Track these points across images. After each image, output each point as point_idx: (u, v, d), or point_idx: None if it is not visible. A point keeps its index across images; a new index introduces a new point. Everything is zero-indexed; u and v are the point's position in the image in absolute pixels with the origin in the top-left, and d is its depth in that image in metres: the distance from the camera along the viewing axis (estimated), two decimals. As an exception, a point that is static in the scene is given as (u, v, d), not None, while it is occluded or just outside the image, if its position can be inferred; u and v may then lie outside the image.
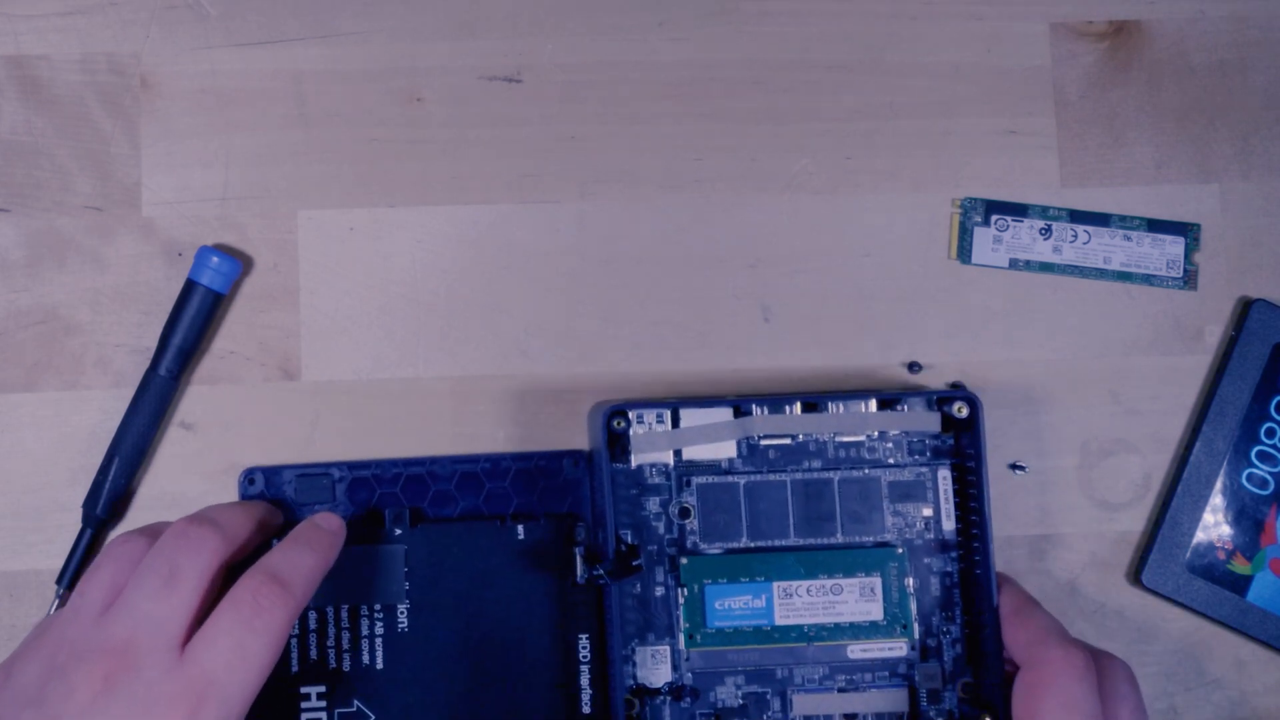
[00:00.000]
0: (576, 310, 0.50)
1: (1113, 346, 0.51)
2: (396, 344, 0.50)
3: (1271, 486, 0.50)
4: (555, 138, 0.51)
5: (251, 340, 0.50)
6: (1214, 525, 0.50)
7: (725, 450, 0.47)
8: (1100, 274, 0.51)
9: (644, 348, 0.50)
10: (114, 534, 0.49)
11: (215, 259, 0.48)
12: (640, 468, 0.46)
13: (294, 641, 0.46)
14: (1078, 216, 0.51)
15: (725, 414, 0.46)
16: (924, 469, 0.47)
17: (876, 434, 0.47)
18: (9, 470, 0.49)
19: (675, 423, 0.46)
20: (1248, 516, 0.50)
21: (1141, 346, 0.51)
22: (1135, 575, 0.50)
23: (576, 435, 0.50)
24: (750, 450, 0.47)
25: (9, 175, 0.50)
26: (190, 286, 0.48)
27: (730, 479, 0.47)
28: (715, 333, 0.50)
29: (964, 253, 0.51)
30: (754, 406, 0.46)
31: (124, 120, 0.50)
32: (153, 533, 0.43)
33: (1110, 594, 0.50)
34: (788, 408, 0.46)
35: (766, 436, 0.47)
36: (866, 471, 0.47)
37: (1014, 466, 0.50)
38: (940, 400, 0.47)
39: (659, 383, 0.50)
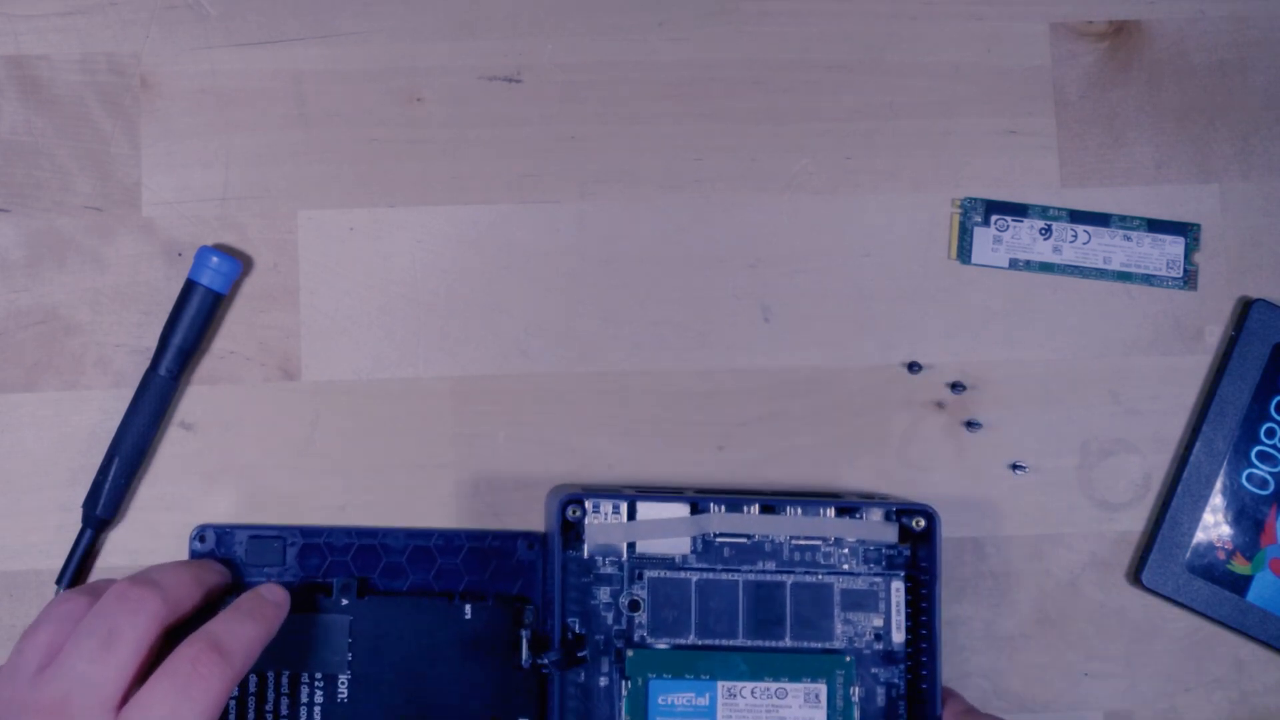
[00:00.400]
0: (576, 310, 0.50)
1: (1113, 346, 0.51)
2: (396, 344, 0.50)
3: (1271, 486, 0.50)
4: (555, 138, 0.51)
5: (251, 340, 0.50)
6: (1214, 525, 0.50)
7: (679, 545, 0.46)
8: (1100, 274, 0.51)
9: (644, 348, 0.50)
10: (113, 533, 0.49)
11: (215, 259, 0.48)
12: (593, 557, 0.46)
13: (231, 704, 0.45)
14: (1078, 216, 0.51)
15: (682, 510, 0.46)
16: (877, 579, 0.47)
17: (833, 540, 0.47)
18: (9, 470, 0.49)
19: (631, 514, 0.46)
20: (1248, 516, 0.50)
21: (1141, 346, 0.51)
22: (1135, 575, 0.50)
23: (575, 438, 0.50)
24: (705, 546, 0.47)
25: (9, 175, 0.50)
26: (190, 286, 0.48)
27: (683, 575, 0.46)
28: (715, 333, 0.50)
29: (964, 253, 0.51)
30: (711, 504, 0.46)
31: (124, 120, 0.50)
32: (94, 592, 0.42)
33: (1110, 594, 0.50)
34: (746, 508, 0.46)
35: (722, 534, 0.47)
36: (820, 577, 0.47)
37: (1014, 466, 0.50)
38: (900, 512, 0.47)
39: (658, 384, 0.50)
